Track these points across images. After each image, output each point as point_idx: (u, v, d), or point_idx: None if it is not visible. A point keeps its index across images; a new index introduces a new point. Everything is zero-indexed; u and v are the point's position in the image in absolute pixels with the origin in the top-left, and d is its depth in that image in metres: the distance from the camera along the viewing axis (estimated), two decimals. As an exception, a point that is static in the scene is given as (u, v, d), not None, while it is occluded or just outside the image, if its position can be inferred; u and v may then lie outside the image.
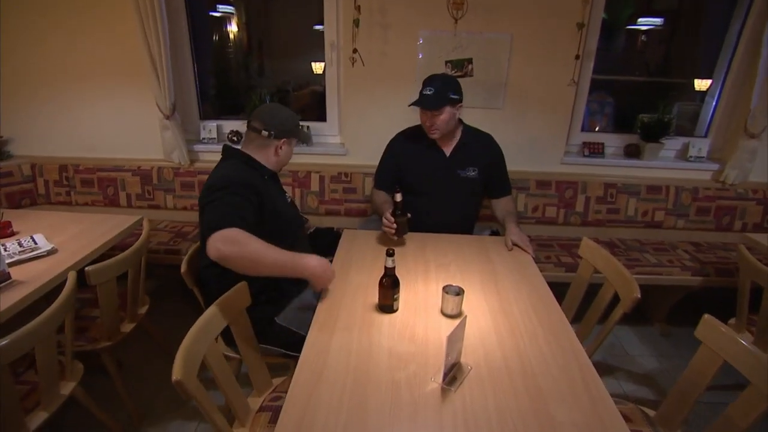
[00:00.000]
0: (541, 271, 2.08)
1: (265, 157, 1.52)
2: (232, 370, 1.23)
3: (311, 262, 1.31)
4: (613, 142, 2.50)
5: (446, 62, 2.22)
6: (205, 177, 1.96)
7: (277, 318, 1.47)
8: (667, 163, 2.44)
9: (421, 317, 1.27)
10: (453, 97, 1.75)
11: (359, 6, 2.08)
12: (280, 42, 2.79)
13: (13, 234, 1.75)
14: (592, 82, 2.39)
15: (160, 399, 1.82)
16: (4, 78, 2.42)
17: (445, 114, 1.75)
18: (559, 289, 1.69)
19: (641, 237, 2.46)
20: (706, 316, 1.16)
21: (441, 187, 1.90)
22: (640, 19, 2.60)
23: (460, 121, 1.93)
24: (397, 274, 1.27)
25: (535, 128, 2.36)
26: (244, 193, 1.33)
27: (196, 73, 2.54)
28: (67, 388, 1.41)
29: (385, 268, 1.27)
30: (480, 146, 1.91)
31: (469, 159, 1.89)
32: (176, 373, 0.96)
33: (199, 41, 2.53)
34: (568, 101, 2.30)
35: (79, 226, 1.84)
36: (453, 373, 1.04)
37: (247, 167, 1.46)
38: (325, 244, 1.78)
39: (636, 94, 2.70)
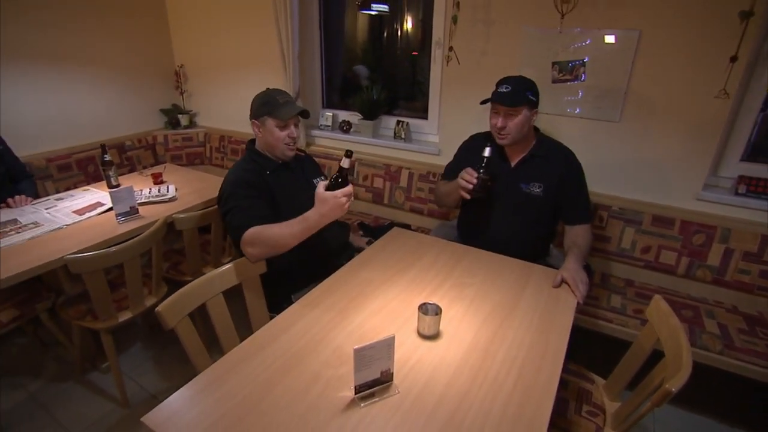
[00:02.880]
0: (620, 325, 1.73)
1: (261, 144, 1.60)
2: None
3: (315, 214, 1.32)
4: (795, 181, 1.78)
5: (553, 63, 1.94)
6: (317, 159, 2.20)
7: (293, 296, 1.59)
8: None
9: (392, 330, 1.21)
10: (531, 98, 1.56)
11: (458, 2, 1.98)
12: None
13: (161, 182, 2.34)
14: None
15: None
16: (192, 64, 3.22)
17: (521, 116, 1.57)
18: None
19: (817, 323, 1.71)
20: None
21: (501, 199, 1.72)
22: None
23: (536, 129, 1.70)
24: (405, 281, 1.31)
25: (662, 150, 1.86)
26: (249, 192, 1.46)
27: (323, 67, 2.85)
28: (150, 300, 1.85)
29: (340, 167, 1.29)
30: (552, 161, 1.65)
31: (535, 174, 1.65)
32: (162, 307, 1.18)
33: (332, 38, 2.82)
34: (717, 119, 1.72)
35: (202, 185, 2.33)
36: (373, 391, 0.98)
37: (251, 164, 1.57)
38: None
39: None
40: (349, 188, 1.29)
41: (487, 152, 1.53)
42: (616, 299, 1.84)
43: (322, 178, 1.77)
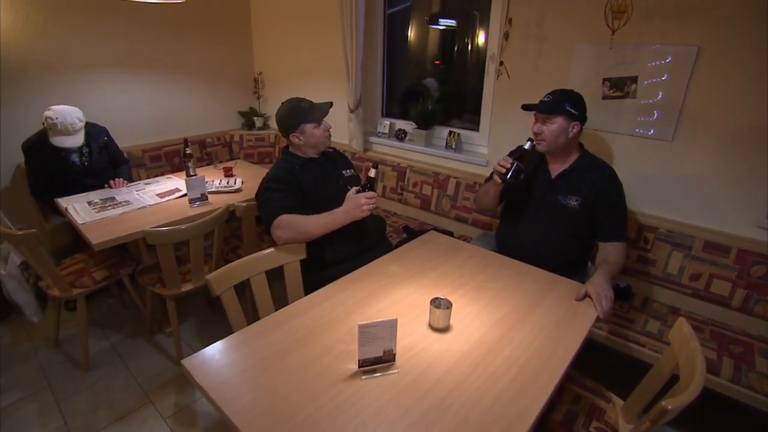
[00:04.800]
0: (653, 350, 1.67)
1: (297, 149, 1.79)
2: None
3: (340, 210, 1.53)
4: None
5: (604, 80, 1.92)
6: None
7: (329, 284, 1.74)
8: None
9: (406, 320, 1.29)
10: (569, 109, 1.60)
11: (511, 19, 2.04)
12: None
13: (231, 175, 2.64)
14: None
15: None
16: (269, 72, 3.57)
17: (556, 124, 1.62)
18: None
19: None
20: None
21: (537, 208, 1.76)
22: None
23: (581, 146, 1.71)
24: (428, 279, 1.47)
25: (718, 172, 1.75)
26: (280, 186, 1.65)
27: (384, 78, 3.02)
28: (209, 276, 2.11)
29: (367, 177, 1.50)
30: (592, 177, 1.65)
31: (574, 187, 1.67)
32: (211, 275, 1.38)
33: (395, 51, 2.99)
34: (783, 142, 1.61)
35: (264, 179, 2.59)
36: (376, 367, 1.09)
37: (284, 164, 1.76)
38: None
39: None
40: (370, 193, 1.49)
41: (527, 145, 1.62)
42: (654, 324, 1.76)
43: (351, 170, 1.94)
